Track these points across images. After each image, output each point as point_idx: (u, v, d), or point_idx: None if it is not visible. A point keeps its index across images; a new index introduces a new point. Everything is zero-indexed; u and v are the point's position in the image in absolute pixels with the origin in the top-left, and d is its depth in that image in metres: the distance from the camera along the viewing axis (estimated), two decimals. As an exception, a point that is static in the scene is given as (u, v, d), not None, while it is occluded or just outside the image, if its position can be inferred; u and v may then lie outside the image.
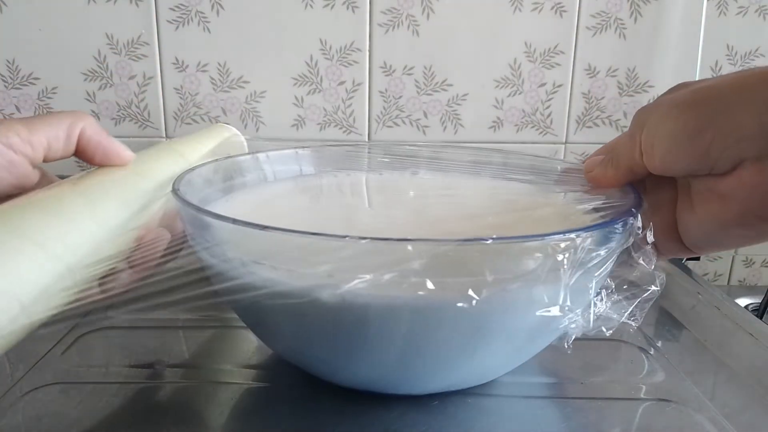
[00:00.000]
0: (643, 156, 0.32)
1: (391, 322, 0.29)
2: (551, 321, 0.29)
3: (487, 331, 0.30)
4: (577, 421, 0.35)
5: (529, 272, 0.28)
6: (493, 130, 0.67)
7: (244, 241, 0.29)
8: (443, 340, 0.30)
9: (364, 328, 0.30)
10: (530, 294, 0.28)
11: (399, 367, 0.33)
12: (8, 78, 0.64)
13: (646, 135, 0.31)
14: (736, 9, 0.65)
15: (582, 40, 0.65)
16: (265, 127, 0.66)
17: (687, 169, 0.30)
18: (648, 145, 0.31)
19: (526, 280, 0.28)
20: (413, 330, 0.30)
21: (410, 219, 0.41)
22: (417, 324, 0.29)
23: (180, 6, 0.63)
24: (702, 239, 0.32)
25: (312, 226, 0.27)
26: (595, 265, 0.29)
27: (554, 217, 0.39)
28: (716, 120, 0.27)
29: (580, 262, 0.28)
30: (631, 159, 0.33)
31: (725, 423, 0.35)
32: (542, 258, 0.27)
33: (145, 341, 0.44)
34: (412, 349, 0.31)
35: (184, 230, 0.34)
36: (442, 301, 0.27)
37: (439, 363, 0.32)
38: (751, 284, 0.74)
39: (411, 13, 0.64)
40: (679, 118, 0.29)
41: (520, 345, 0.33)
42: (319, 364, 0.36)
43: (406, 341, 0.30)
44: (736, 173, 0.28)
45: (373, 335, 0.30)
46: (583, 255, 0.28)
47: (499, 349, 0.32)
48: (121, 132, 0.66)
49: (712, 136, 0.28)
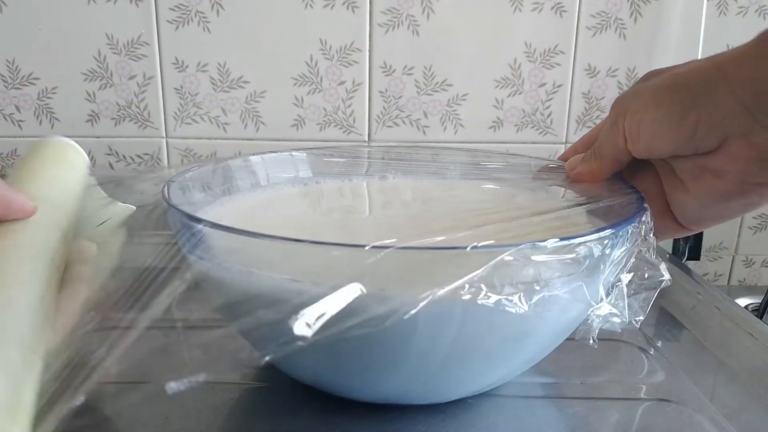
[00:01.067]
0: (628, 142, 0.33)
1: (441, 330, 0.29)
2: (581, 317, 0.30)
3: (531, 333, 0.31)
4: (577, 421, 0.35)
5: (572, 272, 0.28)
6: (493, 130, 0.67)
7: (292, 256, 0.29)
8: (488, 345, 0.30)
9: (407, 341, 0.29)
10: (576, 293, 0.29)
11: (434, 378, 0.32)
12: (8, 78, 0.64)
13: (629, 121, 0.32)
14: (736, 9, 0.65)
15: (582, 40, 0.65)
16: (265, 127, 0.66)
17: (673, 151, 0.31)
18: (633, 131, 0.32)
19: (568, 279, 0.28)
20: (459, 337, 0.29)
21: (410, 224, 0.41)
22: (466, 331, 0.29)
23: (180, 6, 0.63)
24: (702, 214, 0.33)
25: (308, 232, 0.27)
26: (619, 260, 0.30)
27: (558, 220, 0.39)
28: (699, 102, 0.29)
29: (611, 258, 0.29)
30: (615, 147, 0.34)
31: (725, 423, 0.35)
32: (583, 257, 0.28)
33: (145, 341, 0.44)
34: (454, 358, 0.31)
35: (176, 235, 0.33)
36: (492, 307, 0.27)
37: (474, 370, 0.32)
38: (751, 284, 0.74)
39: (411, 13, 0.64)
40: (661, 102, 0.30)
41: (549, 344, 0.34)
42: (342, 381, 0.35)
43: (450, 350, 0.30)
44: (724, 150, 0.29)
45: (417, 346, 0.30)
46: (614, 250, 0.29)
47: (532, 349, 0.33)
48: (121, 132, 0.66)
49: (696, 117, 0.29)
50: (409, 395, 0.35)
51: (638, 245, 0.31)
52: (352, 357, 0.31)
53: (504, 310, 0.27)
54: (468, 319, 0.28)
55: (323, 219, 0.43)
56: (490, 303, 0.26)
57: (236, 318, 0.32)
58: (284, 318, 0.27)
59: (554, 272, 0.28)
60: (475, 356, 0.31)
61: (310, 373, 0.35)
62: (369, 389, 0.34)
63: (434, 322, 0.28)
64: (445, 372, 0.32)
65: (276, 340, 0.26)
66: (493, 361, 0.32)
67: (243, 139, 0.67)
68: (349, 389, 0.35)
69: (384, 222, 0.42)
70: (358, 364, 0.31)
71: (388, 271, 0.27)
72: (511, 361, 0.33)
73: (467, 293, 0.26)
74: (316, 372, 0.34)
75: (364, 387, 0.34)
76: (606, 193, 0.36)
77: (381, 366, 0.31)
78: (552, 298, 0.28)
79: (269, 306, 0.29)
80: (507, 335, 0.30)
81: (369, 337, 0.27)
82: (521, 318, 0.27)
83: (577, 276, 0.29)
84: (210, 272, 0.31)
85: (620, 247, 0.30)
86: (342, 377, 0.34)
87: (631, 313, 0.31)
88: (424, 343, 0.29)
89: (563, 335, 0.33)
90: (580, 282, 0.29)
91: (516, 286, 0.27)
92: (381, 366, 0.31)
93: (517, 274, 0.27)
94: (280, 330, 0.27)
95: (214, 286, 0.32)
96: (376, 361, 0.31)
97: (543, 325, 0.31)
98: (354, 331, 0.26)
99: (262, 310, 0.30)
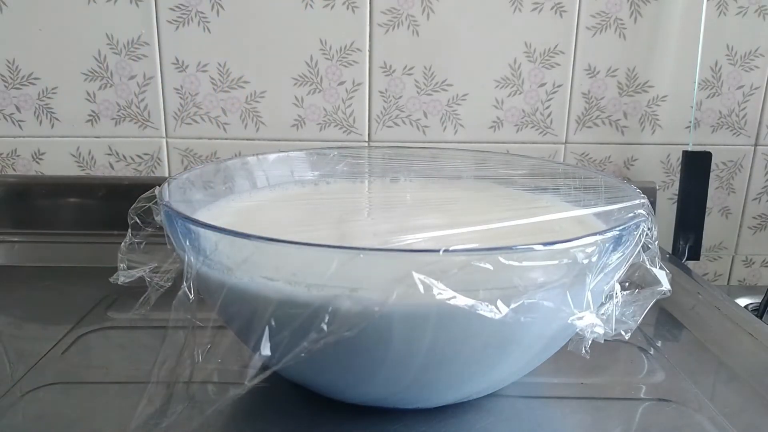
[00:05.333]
0: None
1: (416, 333, 0.29)
2: (572, 327, 0.29)
3: (512, 340, 0.30)
4: (577, 421, 0.35)
5: (553, 279, 0.28)
6: (493, 130, 0.67)
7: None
8: (467, 351, 0.30)
9: (386, 341, 0.29)
10: (557, 301, 0.28)
11: (415, 383, 0.32)
12: (8, 78, 0.64)
13: None
14: (736, 9, 0.65)
15: (582, 40, 0.65)
16: (265, 127, 0.66)
17: None
18: None
19: (552, 286, 0.28)
20: (437, 342, 0.29)
21: (406, 225, 0.41)
22: (442, 335, 0.29)
23: (180, 6, 0.63)
24: None
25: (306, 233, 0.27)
26: (613, 269, 0.29)
27: (563, 222, 0.39)
28: None
29: (601, 266, 0.28)
30: None
31: (725, 423, 0.35)
32: (568, 263, 0.27)
33: (145, 341, 0.44)
34: (433, 362, 0.30)
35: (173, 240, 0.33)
36: (469, 311, 0.27)
37: (456, 376, 0.32)
38: (751, 284, 0.74)
39: (411, 13, 0.64)
40: None
41: (537, 353, 0.33)
42: (324, 382, 0.35)
43: (428, 354, 0.30)
44: None
45: (395, 348, 0.29)
46: (604, 258, 0.28)
47: (518, 358, 0.32)
48: (121, 132, 0.66)
49: None
50: (394, 399, 0.34)
51: (636, 253, 0.31)
52: (332, 358, 0.30)
53: (480, 315, 0.26)
54: (444, 323, 0.28)
55: (320, 219, 0.43)
56: (464, 306, 0.26)
57: (221, 315, 0.33)
58: (262, 317, 0.27)
59: (533, 278, 0.27)
60: (456, 362, 0.31)
61: (293, 372, 0.35)
62: (352, 391, 0.34)
63: (409, 323, 0.28)
64: (426, 376, 0.31)
65: (257, 339, 0.27)
66: (476, 368, 0.32)
67: (243, 139, 0.67)
68: (332, 390, 0.35)
69: (382, 222, 0.42)
70: (338, 365, 0.31)
71: (363, 272, 0.27)
72: (496, 369, 0.33)
73: (440, 295, 0.26)
74: (299, 371, 0.34)
75: (347, 388, 0.34)
76: (610, 198, 0.36)
77: (360, 368, 0.31)
78: (532, 305, 0.27)
79: (247, 304, 0.29)
80: (487, 342, 0.30)
81: (345, 338, 0.27)
82: (500, 324, 0.27)
83: (559, 283, 0.28)
84: (199, 270, 0.31)
85: (612, 255, 0.29)
86: (324, 378, 0.34)
87: (620, 324, 0.30)
88: (401, 346, 0.29)
89: (553, 344, 0.33)
90: (563, 289, 0.28)
91: (491, 291, 0.27)
92: (360, 368, 0.31)
93: (493, 278, 0.26)
94: (260, 330, 0.27)
95: (202, 284, 0.32)
96: (355, 363, 0.31)
97: (526, 333, 0.30)
98: (330, 334, 0.26)
99: (239, 308, 0.30)
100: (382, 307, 0.26)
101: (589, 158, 0.69)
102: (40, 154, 0.66)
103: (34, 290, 0.53)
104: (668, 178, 0.70)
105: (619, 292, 0.31)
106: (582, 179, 0.43)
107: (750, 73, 0.67)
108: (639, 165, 0.69)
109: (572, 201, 0.43)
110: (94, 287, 0.51)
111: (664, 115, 0.68)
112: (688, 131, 0.67)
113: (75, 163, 0.67)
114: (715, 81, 0.67)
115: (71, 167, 0.67)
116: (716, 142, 0.68)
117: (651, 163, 0.69)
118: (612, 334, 0.30)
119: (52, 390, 0.37)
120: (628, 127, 0.68)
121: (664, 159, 0.69)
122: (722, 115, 0.68)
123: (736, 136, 0.68)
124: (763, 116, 0.68)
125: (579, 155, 0.69)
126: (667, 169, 0.69)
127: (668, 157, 0.69)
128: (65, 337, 0.43)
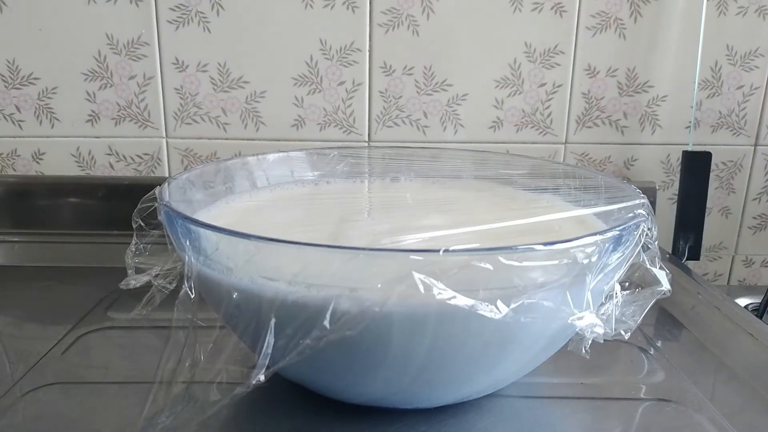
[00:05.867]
0: None
1: (416, 333, 0.28)
2: (572, 327, 0.29)
3: (512, 340, 0.30)
4: (577, 421, 0.35)
5: (552, 279, 0.28)
6: (493, 130, 0.67)
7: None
8: (467, 351, 0.30)
9: (385, 341, 0.29)
10: (557, 301, 0.28)
11: (415, 382, 0.32)
12: (8, 78, 0.64)
13: None
14: (736, 9, 0.65)
15: (582, 40, 0.65)
16: (265, 127, 0.66)
17: None
18: None
19: (552, 286, 0.28)
20: (437, 342, 0.29)
21: (406, 225, 0.41)
22: (442, 335, 0.29)
23: (180, 6, 0.63)
24: None
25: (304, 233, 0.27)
26: (613, 269, 0.29)
27: (562, 222, 0.39)
28: None
29: (601, 266, 0.28)
30: None
31: (725, 423, 0.35)
32: (568, 263, 0.27)
33: (145, 341, 0.44)
34: (433, 362, 0.30)
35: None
36: (469, 311, 0.27)
37: (456, 376, 0.32)
38: (751, 284, 0.74)
39: (411, 13, 0.64)
40: None
41: (537, 353, 0.33)
42: (324, 382, 0.35)
43: (428, 354, 0.30)
44: None
45: (395, 348, 0.29)
46: (604, 258, 0.28)
47: (518, 358, 0.32)
48: (121, 132, 0.66)
49: None
50: (393, 399, 0.34)
51: (636, 253, 0.31)
52: (332, 358, 0.30)
53: (480, 315, 0.26)
54: (444, 323, 0.28)
55: (320, 219, 0.43)
56: (464, 306, 0.26)
57: (221, 316, 0.33)
58: (263, 317, 0.27)
59: (533, 278, 0.27)
60: (456, 362, 0.31)
61: (293, 372, 0.35)
62: (352, 391, 0.34)
63: (409, 323, 0.28)
64: (426, 376, 0.31)
65: (258, 339, 0.27)
66: (475, 368, 0.32)
67: (243, 139, 0.67)
68: (332, 390, 0.35)
69: (382, 222, 0.42)
70: (338, 365, 0.31)
71: (363, 272, 0.27)
72: (496, 369, 0.33)
73: (440, 295, 0.26)
74: (299, 371, 0.34)
75: (347, 388, 0.34)
76: (610, 198, 0.36)
77: (360, 368, 0.31)
78: (532, 305, 0.27)
79: (248, 304, 0.29)
80: (487, 342, 0.30)
81: (345, 338, 0.27)
82: (500, 324, 0.27)
83: (559, 283, 0.28)
84: (199, 271, 0.31)
85: (612, 255, 0.29)
86: (324, 378, 0.34)
87: (620, 324, 0.30)
88: (401, 346, 0.29)
89: (553, 344, 0.33)
90: (563, 289, 0.28)
91: (491, 291, 0.27)
92: (360, 368, 0.31)
93: (493, 278, 0.26)
94: (261, 330, 0.27)
95: (202, 284, 0.32)
96: (355, 362, 0.31)
97: (526, 333, 0.30)
98: (331, 334, 0.26)
99: (239, 308, 0.30)
100: (382, 307, 0.26)
101: (589, 158, 0.69)
102: (40, 154, 0.66)
103: (34, 290, 0.53)
104: (668, 178, 0.70)
105: (619, 292, 0.31)
106: (582, 179, 0.43)
107: (750, 73, 0.67)
108: (639, 165, 0.69)
109: (572, 201, 0.43)
110: (94, 287, 0.51)
111: (664, 115, 0.68)
112: (688, 131, 0.67)
113: (75, 163, 0.67)
114: (715, 81, 0.67)
115: (71, 167, 0.67)
116: (716, 142, 0.68)
117: (651, 163, 0.69)
118: (612, 334, 0.30)
119: (51, 390, 0.37)
120: (628, 127, 0.68)
121: (664, 159, 0.69)
122: (722, 115, 0.68)
123: (736, 136, 0.68)
124: (763, 116, 0.68)
125: (579, 155, 0.69)
126: (667, 169, 0.69)
127: (668, 157, 0.69)
128: (65, 337, 0.43)
